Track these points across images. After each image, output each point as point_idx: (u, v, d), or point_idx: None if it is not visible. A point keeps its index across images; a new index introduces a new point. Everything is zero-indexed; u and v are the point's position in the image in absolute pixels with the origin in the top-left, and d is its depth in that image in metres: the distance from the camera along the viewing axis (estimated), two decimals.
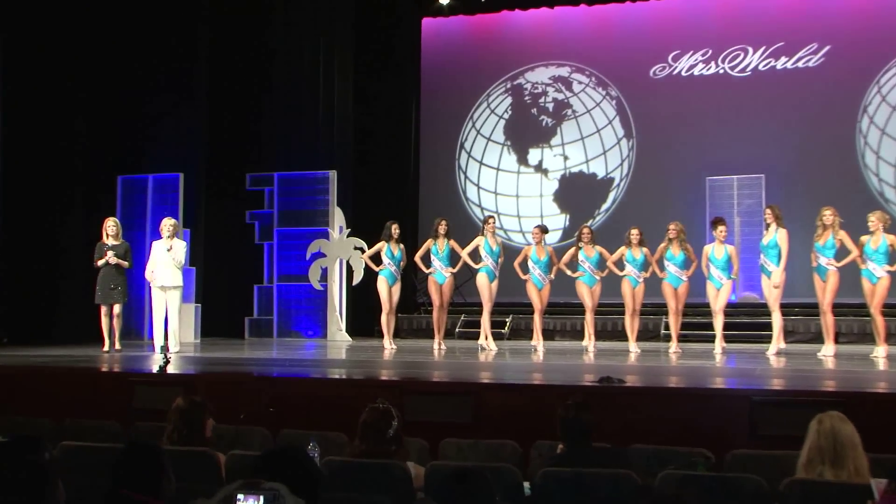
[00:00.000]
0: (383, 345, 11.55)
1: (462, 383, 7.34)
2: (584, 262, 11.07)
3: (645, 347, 11.55)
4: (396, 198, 15.67)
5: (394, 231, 11.53)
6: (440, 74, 16.33)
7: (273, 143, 14.80)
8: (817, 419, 4.09)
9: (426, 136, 16.29)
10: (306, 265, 13.87)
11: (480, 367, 9.43)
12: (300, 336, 14.11)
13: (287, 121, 14.77)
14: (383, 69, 15.99)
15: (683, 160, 14.83)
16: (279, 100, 14.83)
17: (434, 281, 11.39)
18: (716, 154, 14.53)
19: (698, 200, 14.19)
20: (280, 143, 14.78)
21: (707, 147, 14.68)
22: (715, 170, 14.30)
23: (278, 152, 14.76)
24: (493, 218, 11.71)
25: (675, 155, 14.93)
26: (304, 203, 14.28)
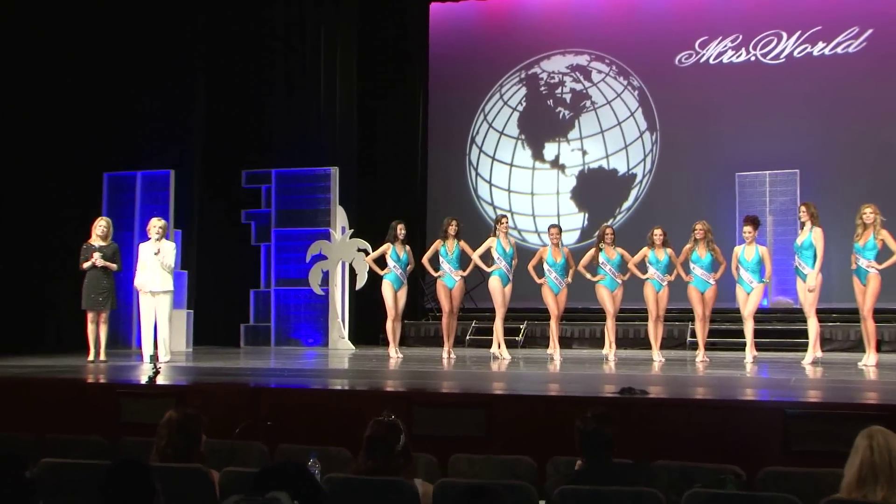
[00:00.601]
0: (389, 353, 11.54)
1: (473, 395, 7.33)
2: (604, 265, 11.04)
3: (669, 356, 11.51)
4: (403, 196, 15.67)
5: (399, 232, 11.53)
6: (449, 64, 16.31)
7: (271, 138, 14.82)
8: (866, 434, 3.94)
9: (435, 131, 16.29)
10: (306, 268, 13.87)
11: (493, 377, 9.41)
12: (300, 344, 14.11)
13: (286, 114, 14.79)
14: (389, 59, 15.99)
15: (711, 155, 14.80)
16: (278, 92, 14.84)
17: (443, 285, 11.38)
18: (746, 148, 14.49)
19: (727, 198, 14.16)
20: (278, 138, 14.80)
21: (737, 141, 14.64)
22: (745, 165, 14.27)
23: (277, 148, 14.77)
24: (506, 217, 11.72)
25: (702, 149, 14.90)
26: (304, 202, 14.28)
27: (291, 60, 14.96)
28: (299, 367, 10.60)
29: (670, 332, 13.11)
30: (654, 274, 10.85)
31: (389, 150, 15.97)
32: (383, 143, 15.96)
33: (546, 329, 12.34)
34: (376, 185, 15.73)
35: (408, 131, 16.11)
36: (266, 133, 14.82)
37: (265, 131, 14.81)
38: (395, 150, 16.00)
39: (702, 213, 12.49)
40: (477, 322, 14.52)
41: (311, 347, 13.95)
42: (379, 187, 15.71)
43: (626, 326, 13.48)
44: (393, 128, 16.03)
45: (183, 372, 9.68)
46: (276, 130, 14.81)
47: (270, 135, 14.81)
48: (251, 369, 10.17)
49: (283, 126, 14.78)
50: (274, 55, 14.90)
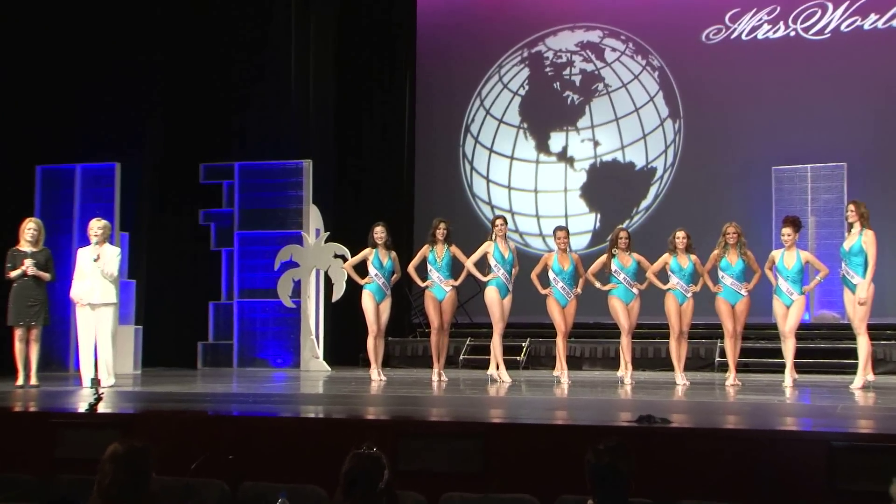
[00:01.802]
0: (370, 375, 11.51)
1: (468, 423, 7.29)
2: (618, 273, 11.02)
3: (695, 379, 11.47)
4: (387, 194, 15.66)
5: (382, 235, 11.50)
6: (441, 41, 16.31)
7: (235, 128, 14.83)
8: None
9: (424, 119, 16.28)
10: (274, 277, 13.86)
11: (491, 403, 9.39)
12: (267, 365, 14.09)
13: (253, 101, 14.78)
14: (371, 36, 16.00)
15: (744, 146, 14.80)
16: (244, 75, 14.82)
17: (432, 297, 11.36)
18: (785, 138, 14.49)
19: (762, 196, 14.16)
20: (243, 127, 14.81)
21: (774, 129, 14.64)
22: (784, 158, 14.25)
23: (241, 138, 14.78)
24: (505, 218, 11.67)
25: (732, 139, 14.89)
26: (273, 200, 14.27)
27: (259, 39, 14.93)
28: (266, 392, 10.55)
29: (696, 351, 13.08)
30: (677, 284, 10.82)
31: (371, 141, 15.96)
32: (364, 133, 15.94)
33: (552, 347, 12.29)
34: (356, 182, 15.70)
35: (393, 120, 16.10)
36: (229, 122, 14.81)
37: (228, 120, 14.80)
38: (377, 142, 15.99)
39: (732, 214, 12.48)
40: (472, 339, 14.50)
41: (279, 369, 13.92)
42: (359, 184, 15.69)
43: (645, 344, 13.44)
44: (375, 115, 16.02)
45: (129, 398, 9.61)
46: (240, 119, 14.80)
47: (234, 124, 14.81)
48: (210, 394, 10.12)
49: (249, 114, 14.77)
50: (239, 33, 14.87)
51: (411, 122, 16.26)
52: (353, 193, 15.62)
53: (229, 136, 14.83)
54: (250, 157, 14.49)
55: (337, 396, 9.96)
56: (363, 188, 15.66)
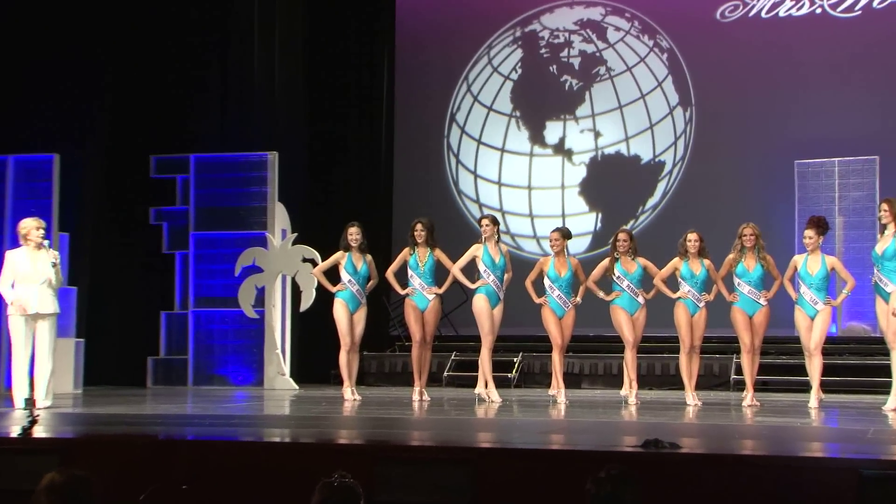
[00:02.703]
0: (343, 395, 11.46)
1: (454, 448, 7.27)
2: (621, 280, 11.00)
3: (708, 398, 11.46)
4: (362, 190, 15.65)
5: (355, 237, 11.46)
6: (423, 19, 16.30)
7: (191, 115, 14.78)
8: None
9: (403, 106, 16.26)
10: (235, 284, 13.82)
11: (479, 425, 9.36)
12: (226, 383, 14.03)
13: (211, 86, 14.75)
14: (345, 12, 15.98)
15: (763, 137, 14.82)
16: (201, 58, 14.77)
17: (413, 306, 11.31)
18: (810, 129, 14.53)
19: (784, 194, 14.17)
20: (201, 116, 14.77)
21: (797, 119, 14.68)
22: (808, 151, 14.28)
23: (198, 128, 14.73)
24: (494, 218, 11.62)
25: (750, 130, 14.91)
26: (233, 197, 14.23)
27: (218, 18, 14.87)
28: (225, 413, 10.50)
29: (709, 367, 13.08)
30: (688, 292, 10.81)
31: (345, 131, 15.93)
32: (337, 122, 15.91)
33: (547, 363, 12.27)
34: (327, 177, 15.66)
35: (369, 107, 16.08)
36: (184, 111, 14.75)
37: (183, 109, 14.74)
38: (352, 132, 15.96)
39: (750, 214, 12.47)
40: (457, 354, 14.47)
41: (240, 387, 13.87)
42: (331, 179, 15.65)
43: (651, 360, 13.44)
44: (350, 103, 15.99)
45: (69, 420, 9.51)
46: (197, 107, 14.75)
47: (190, 113, 14.75)
48: (161, 416, 10.07)
49: (207, 102, 14.73)
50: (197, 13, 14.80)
51: (390, 110, 16.23)
52: (325, 190, 15.57)
53: (184, 125, 14.77)
54: (208, 149, 14.43)
55: (305, 418, 9.92)
56: (335, 184, 15.62)
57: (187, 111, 14.80)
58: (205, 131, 14.70)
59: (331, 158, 15.80)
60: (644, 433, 7.26)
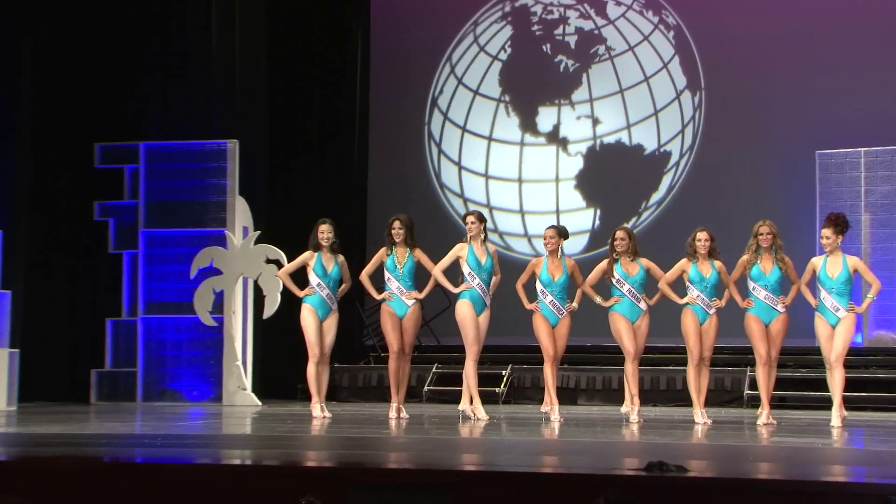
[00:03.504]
0: (311, 411, 11.44)
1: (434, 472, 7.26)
2: (621, 283, 10.99)
3: (718, 416, 11.47)
4: (333, 184, 15.62)
5: (326, 236, 11.43)
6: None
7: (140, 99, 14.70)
8: None
9: (379, 89, 16.25)
10: (191, 287, 13.78)
11: (463, 445, 9.35)
12: (180, 399, 13.99)
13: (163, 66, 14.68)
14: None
15: (781, 124, 14.85)
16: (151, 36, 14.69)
17: (390, 313, 11.29)
18: (833, 115, 14.56)
19: (804, 187, 14.21)
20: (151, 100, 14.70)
21: (819, 104, 14.71)
22: (831, 140, 14.31)
23: (148, 114, 14.68)
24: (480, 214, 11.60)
25: (767, 116, 14.95)
26: (188, 190, 14.18)
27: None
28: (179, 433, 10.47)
29: (720, 381, 13.09)
30: (697, 297, 10.80)
31: (313, 118, 15.92)
32: (304, 107, 15.87)
33: (539, 376, 12.25)
34: (294, 168, 15.64)
35: (340, 91, 16.04)
36: (133, 94, 14.67)
37: (132, 92, 14.66)
38: (321, 119, 15.95)
39: (766, 210, 12.48)
40: (439, 366, 14.46)
41: (196, 403, 13.83)
42: (298, 170, 15.63)
43: (656, 373, 13.45)
44: (319, 86, 15.95)
45: (3, 441, 9.48)
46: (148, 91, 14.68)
47: (139, 97, 14.67)
48: (106, 436, 10.02)
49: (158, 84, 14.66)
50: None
51: (364, 94, 16.22)
52: (291, 183, 15.54)
53: (133, 110, 14.70)
54: (160, 137, 14.39)
55: (269, 438, 9.89)
56: (303, 176, 15.58)
57: (137, 96, 14.72)
58: (156, 117, 14.64)
59: (298, 148, 15.77)
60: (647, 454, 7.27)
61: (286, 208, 15.01)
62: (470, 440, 9.70)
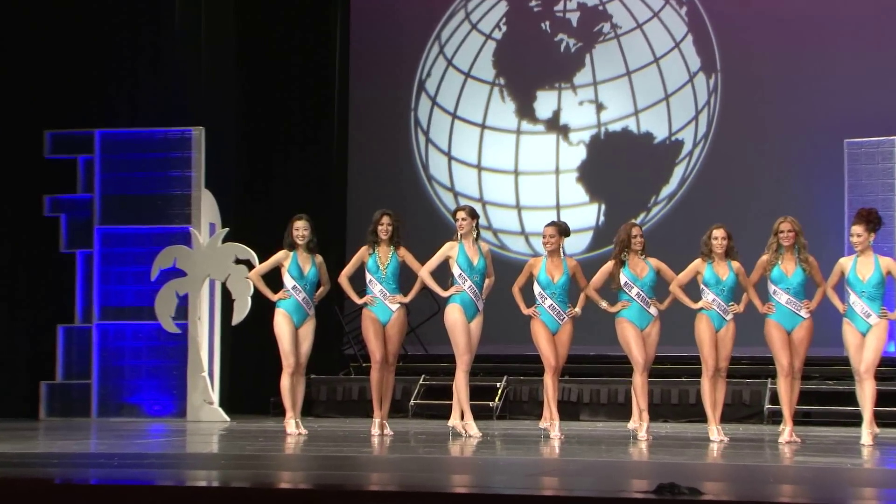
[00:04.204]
0: (285, 428, 11.42)
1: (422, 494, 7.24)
2: (630, 287, 10.97)
3: (736, 433, 11.47)
4: (310, 176, 15.64)
5: (302, 233, 11.41)
6: None
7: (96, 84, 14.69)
8: None
9: (360, 72, 16.24)
10: (152, 290, 13.77)
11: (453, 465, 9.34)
12: (140, 414, 13.96)
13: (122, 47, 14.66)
14: None
15: (805, 110, 14.85)
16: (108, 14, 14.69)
17: (373, 319, 11.27)
18: (862, 100, 14.55)
19: (831, 180, 14.19)
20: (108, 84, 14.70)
21: (848, 88, 14.69)
22: (861, 127, 14.24)
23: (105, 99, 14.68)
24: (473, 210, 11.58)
25: (790, 101, 14.93)
26: (149, 183, 14.16)
27: None
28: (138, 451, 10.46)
29: (737, 394, 13.09)
30: (713, 302, 10.78)
31: (288, 104, 15.91)
32: (278, 93, 15.88)
33: (538, 389, 12.26)
34: (267, 159, 15.61)
35: (318, 75, 16.07)
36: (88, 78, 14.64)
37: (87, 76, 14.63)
38: (297, 105, 15.93)
39: (789, 205, 12.50)
40: (427, 378, 14.47)
41: (158, 419, 13.82)
42: (271, 162, 15.60)
43: (666, 385, 13.45)
44: (294, 69, 15.97)
45: None
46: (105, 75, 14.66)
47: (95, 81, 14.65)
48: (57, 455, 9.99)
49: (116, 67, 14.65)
50: None
51: (344, 77, 16.22)
52: (263, 175, 15.53)
53: (88, 95, 14.68)
54: (118, 124, 14.36)
55: (239, 457, 9.86)
56: (277, 168, 15.58)
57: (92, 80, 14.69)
58: (114, 103, 14.63)
59: (271, 137, 15.74)
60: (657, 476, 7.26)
61: (258, 203, 15.01)
62: (461, 460, 9.69)
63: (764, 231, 10.92)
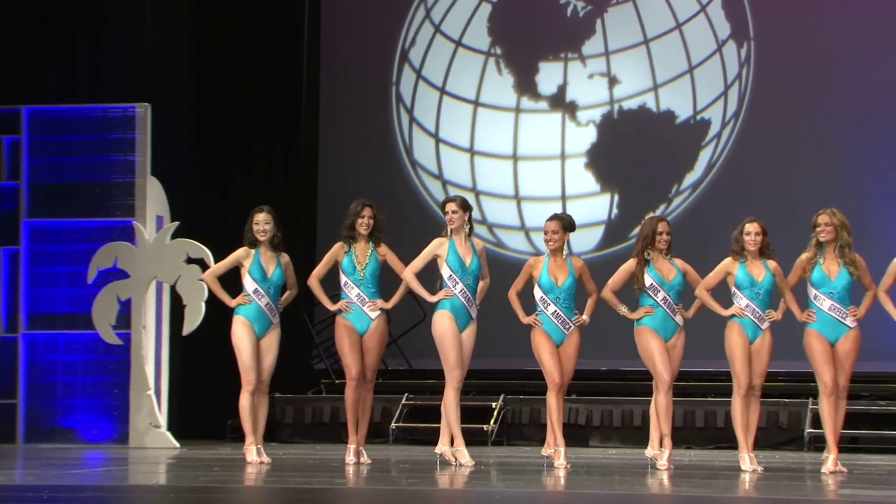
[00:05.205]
0: (245, 455, 11.43)
1: None
2: (655, 291, 10.93)
3: (772, 461, 11.51)
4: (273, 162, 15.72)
5: (264, 227, 11.40)
6: None
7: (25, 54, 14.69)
8: None
9: (332, 40, 16.30)
10: (88, 295, 13.76)
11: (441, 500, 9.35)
12: (74, 439, 13.97)
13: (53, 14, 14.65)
14: None
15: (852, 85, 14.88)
16: None
17: (348, 328, 11.27)
18: None
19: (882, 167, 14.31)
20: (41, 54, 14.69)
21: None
22: None
23: (35, 73, 14.71)
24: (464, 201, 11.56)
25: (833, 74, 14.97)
26: (85, 168, 14.16)
27: None
28: (72, 483, 10.45)
29: (774, 416, 13.13)
30: (746, 307, 10.77)
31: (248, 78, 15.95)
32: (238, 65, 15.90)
33: (540, 410, 12.26)
34: (224, 142, 15.63)
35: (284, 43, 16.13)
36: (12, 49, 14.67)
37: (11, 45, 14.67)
38: (259, 79, 15.97)
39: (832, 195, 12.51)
40: (411, 396, 14.51)
41: (96, 445, 13.83)
42: (228, 145, 15.63)
43: (691, 406, 13.47)
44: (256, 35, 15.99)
45: None
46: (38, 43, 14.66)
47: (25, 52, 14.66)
48: None
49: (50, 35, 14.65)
50: None
51: (314, 47, 16.29)
52: (219, 161, 15.53)
53: (15, 67, 14.70)
54: (49, 101, 14.38)
55: (190, 490, 9.86)
56: (236, 152, 15.59)
57: (21, 46, 14.72)
58: (45, 75, 14.64)
59: (229, 116, 15.75)
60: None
61: (213, 193, 15.02)
62: (450, 493, 9.70)
63: (804, 225, 10.89)
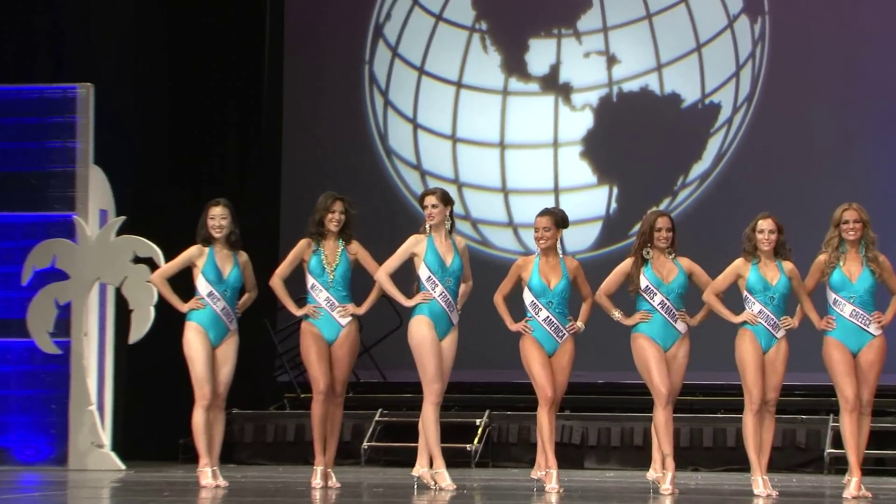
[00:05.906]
0: (199, 478, 11.41)
1: None
2: (652, 294, 10.94)
3: (789, 486, 11.55)
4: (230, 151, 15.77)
5: (220, 223, 11.39)
6: None
7: None
8: None
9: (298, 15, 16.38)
10: (23, 298, 13.76)
11: None
12: (6, 460, 13.96)
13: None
14: None
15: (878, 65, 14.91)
16: None
17: (315, 336, 11.25)
18: None
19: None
20: None
21: None
22: None
23: None
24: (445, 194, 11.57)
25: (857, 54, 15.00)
26: (19, 156, 14.15)
27: None
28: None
29: (790, 434, 13.15)
30: (759, 314, 10.78)
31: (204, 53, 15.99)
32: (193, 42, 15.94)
33: (528, 427, 12.27)
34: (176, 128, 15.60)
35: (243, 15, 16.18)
36: None
37: None
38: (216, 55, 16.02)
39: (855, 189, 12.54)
40: (385, 412, 14.52)
41: (31, 466, 13.84)
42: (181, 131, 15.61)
43: (697, 423, 13.51)
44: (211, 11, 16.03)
45: None
46: None
47: None
48: None
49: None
50: None
51: (277, 21, 16.33)
52: (171, 149, 15.51)
53: None
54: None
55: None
56: (189, 139, 15.58)
57: None
58: None
59: (180, 99, 15.73)
60: None
61: (164, 184, 14.99)
62: None
63: (823, 222, 10.91)
